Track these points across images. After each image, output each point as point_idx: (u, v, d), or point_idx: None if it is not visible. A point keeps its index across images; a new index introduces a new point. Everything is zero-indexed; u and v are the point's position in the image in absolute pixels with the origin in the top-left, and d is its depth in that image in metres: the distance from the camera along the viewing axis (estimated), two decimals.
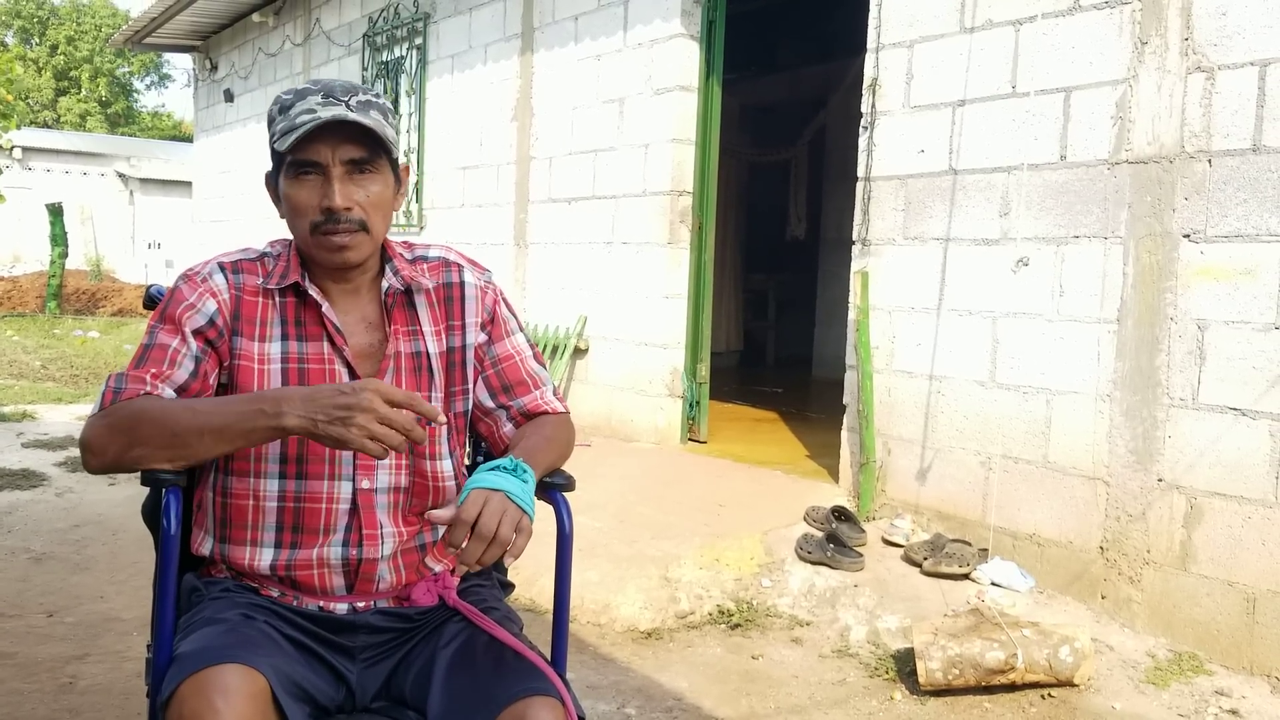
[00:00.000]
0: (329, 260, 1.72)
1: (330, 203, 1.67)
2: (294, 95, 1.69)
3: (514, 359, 1.89)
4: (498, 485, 1.55)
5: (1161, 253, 3.58)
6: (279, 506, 1.71)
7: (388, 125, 1.72)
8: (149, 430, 1.59)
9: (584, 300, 6.48)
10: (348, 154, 1.68)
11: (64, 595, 3.88)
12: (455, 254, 1.91)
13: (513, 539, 1.53)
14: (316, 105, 1.65)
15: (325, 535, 1.71)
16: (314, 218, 1.68)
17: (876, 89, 4.58)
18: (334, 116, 1.63)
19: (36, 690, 3.06)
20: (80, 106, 36.77)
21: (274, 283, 1.75)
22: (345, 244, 1.69)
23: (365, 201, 1.70)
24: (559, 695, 1.57)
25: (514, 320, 1.93)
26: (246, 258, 1.79)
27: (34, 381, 9.20)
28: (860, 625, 3.70)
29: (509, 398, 1.87)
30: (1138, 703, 3.17)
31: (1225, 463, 3.40)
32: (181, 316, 1.71)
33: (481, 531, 1.50)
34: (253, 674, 1.49)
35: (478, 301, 1.86)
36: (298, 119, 1.65)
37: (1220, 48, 3.42)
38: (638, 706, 3.14)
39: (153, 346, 1.69)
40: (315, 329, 1.75)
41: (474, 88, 7.54)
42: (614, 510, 4.73)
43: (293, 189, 1.70)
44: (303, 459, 1.71)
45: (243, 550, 1.73)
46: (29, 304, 16.49)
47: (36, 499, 5.20)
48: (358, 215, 1.69)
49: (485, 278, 1.91)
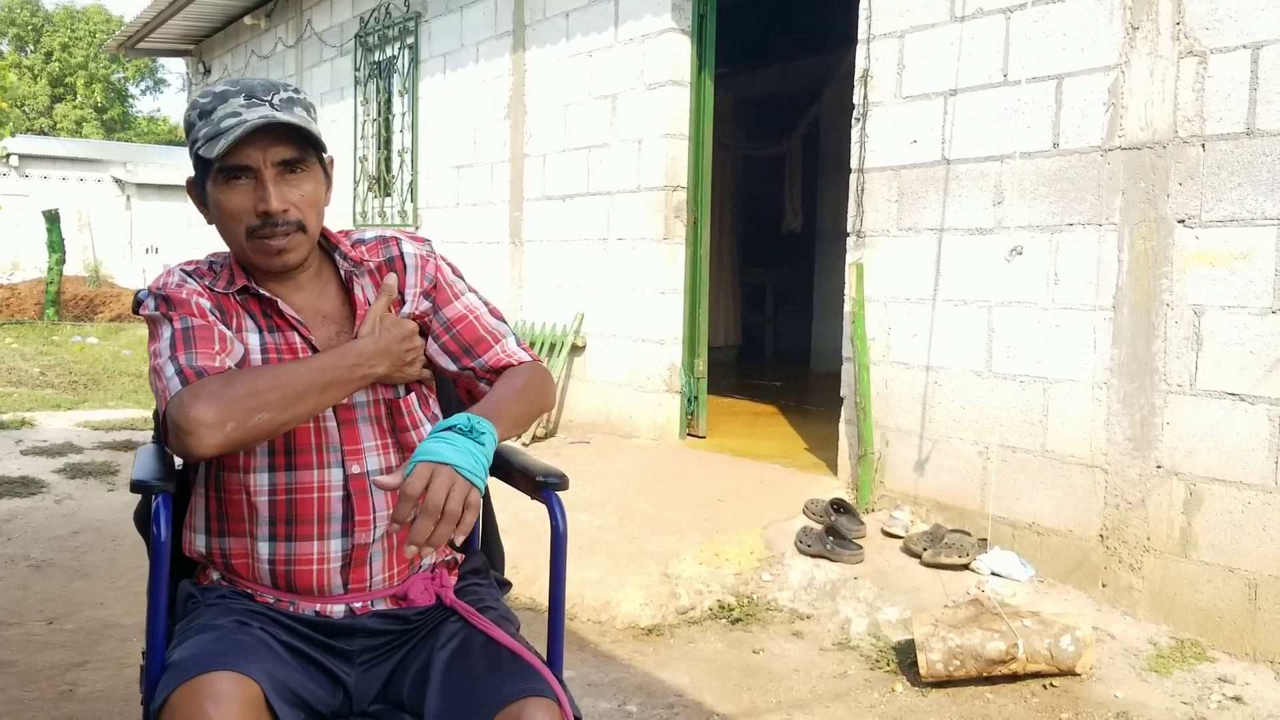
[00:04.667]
0: (268, 264, 1.71)
1: (267, 206, 1.65)
2: (213, 99, 1.66)
3: (468, 318, 1.86)
4: (445, 457, 1.48)
5: (1156, 238, 3.57)
6: (270, 500, 1.70)
7: (312, 121, 1.70)
8: (271, 396, 1.58)
9: (580, 297, 6.47)
10: (279, 155, 1.66)
11: (64, 602, 3.88)
12: (393, 231, 1.90)
13: (461, 514, 1.46)
14: (240, 108, 1.62)
15: (321, 525, 1.71)
16: (250, 222, 1.67)
17: (868, 80, 4.57)
18: (262, 119, 1.61)
19: (36, 698, 3.06)
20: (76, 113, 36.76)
21: (220, 287, 1.75)
22: (284, 246, 1.69)
23: (300, 201, 1.69)
24: (555, 696, 1.56)
25: (461, 282, 1.90)
26: (199, 266, 1.80)
27: (32, 389, 9.19)
28: (861, 618, 3.69)
29: (470, 358, 1.84)
30: (1140, 691, 3.16)
31: (1224, 448, 3.39)
32: (200, 309, 1.69)
33: (429, 508, 1.44)
34: (245, 681, 1.48)
35: (418, 271, 1.84)
36: (223, 124, 1.62)
37: (1212, 31, 3.41)
38: (639, 703, 3.14)
39: (192, 329, 1.65)
40: (280, 321, 1.75)
41: (467, 86, 7.53)
42: (613, 507, 4.72)
43: (224, 195, 1.67)
44: (291, 450, 1.71)
45: (243, 543, 1.73)
46: (27, 311, 16.46)
47: (36, 506, 5.20)
48: (294, 216, 1.68)
49: (425, 248, 1.89)
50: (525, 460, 1.93)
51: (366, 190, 9.03)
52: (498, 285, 7.19)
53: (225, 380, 1.58)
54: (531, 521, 1.73)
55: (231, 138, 1.60)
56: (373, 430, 1.76)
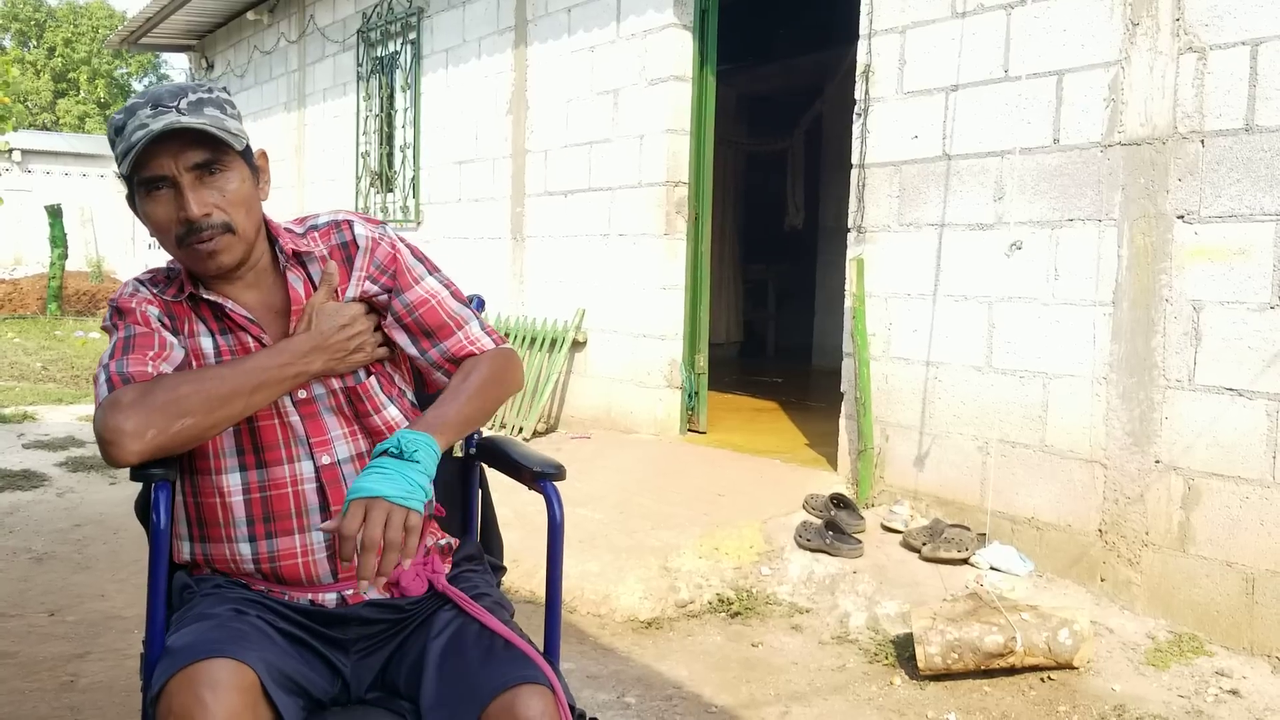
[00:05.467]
0: (204, 268, 1.70)
1: (186, 213, 1.63)
2: (124, 114, 1.65)
3: (430, 302, 1.82)
4: (376, 491, 1.50)
5: (1156, 234, 3.57)
6: (245, 499, 1.72)
7: (226, 118, 1.67)
8: (193, 401, 1.58)
9: (582, 293, 6.48)
10: (190, 160, 1.64)
11: (65, 594, 3.89)
12: (346, 213, 1.87)
13: (401, 542, 1.49)
14: (147, 119, 1.61)
15: (300, 519, 1.72)
16: (177, 231, 1.66)
17: (870, 75, 4.57)
18: (165, 126, 1.59)
19: (38, 689, 3.07)
20: (79, 108, 36.79)
21: (170, 294, 1.76)
22: (214, 249, 1.67)
23: (222, 202, 1.66)
24: (549, 683, 1.57)
25: (422, 265, 1.86)
26: (157, 274, 1.81)
27: (35, 383, 9.21)
28: (859, 611, 3.70)
29: (431, 343, 1.82)
30: (1138, 684, 3.17)
31: (1222, 443, 3.40)
32: (144, 317, 1.72)
33: (367, 544, 1.47)
34: (242, 668, 1.49)
35: (367, 254, 1.81)
36: (132, 137, 1.61)
37: (1212, 27, 3.41)
38: (637, 695, 3.15)
39: (133, 336, 1.69)
40: (230, 323, 1.75)
41: (469, 82, 7.53)
42: (614, 501, 4.73)
43: (149, 207, 1.67)
44: (259, 448, 1.72)
45: (222, 548, 1.74)
46: (30, 306, 16.49)
47: (38, 499, 5.22)
48: (219, 218, 1.66)
49: (378, 230, 1.85)
50: (524, 451, 1.94)
51: (369, 186, 9.04)
52: (499, 281, 7.20)
53: (147, 388, 1.59)
54: (532, 516, 1.74)
55: (137, 149, 1.60)
56: (337, 419, 1.76)
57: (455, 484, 2.08)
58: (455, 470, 2.09)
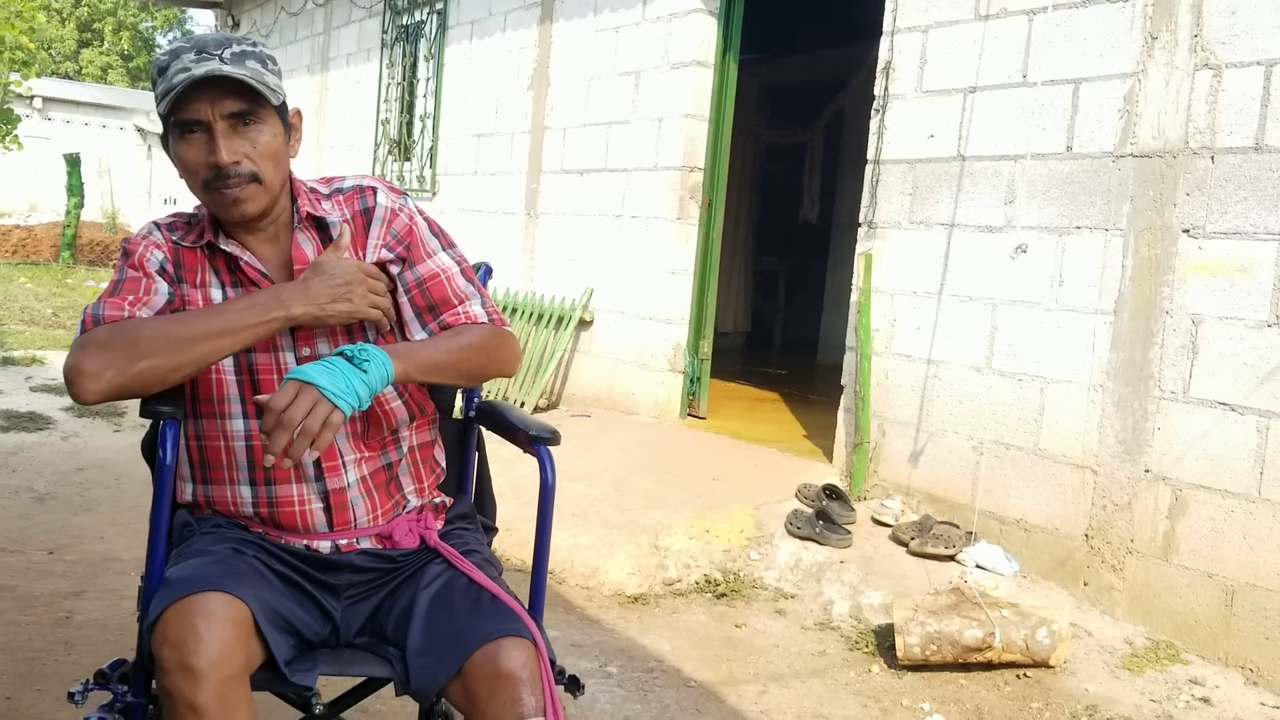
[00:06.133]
0: (227, 215, 1.74)
1: (216, 159, 1.67)
2: (169, 56, 1.69)
3: (439, 277, 1.85)
4: (312, 378, 1.52)
5: (1160, 247, 3.60)
6: (247, 445, 1.76)
7: (266, 73, 1.71)
8: (153, 344, 1.61)
9: (591, 272, 6.52)
10: (228, 108, 1.68)
11: (65, 534, 3.96)
12: (371, 180, 1.90)
13: (316, 434, 1.50)
14: (190, 63, 1.65)
15: (298, 469, 1.75)
16: (204, 175, 1.70)
17: (890, 72, 4.60)
18: (207, 72, 1.63)
19: (34, 622, 3.14)
20: (102, 59, 36.77)
21: (189, 241, 1.80)
22: (238, 197, 1.71)
23: (253, 153, 1.70)
24: (532, 637, 1.63)
25: (437, 240, 1.89)
26: (178, 219, 1.85)
27: (44, 329, 9.29)
28: (844, 600, 3.75)
29: (433, 316, 1.84)
30: (1111, 687, 3.23)
31: (1212, 456, 3.44)
32: (141, 261, 1.76)
33: (284, 422, 1.49)
34: (236, 602, 1.55)
35: (384, 224, 1.85)
36: (174, 79, 1.64)
37: (1229, 46, 3.44)
38: (619, 666, 3.21)
39: (123, 280, 1.74)
40: (242, 275, 1.79)
41: (492, 55, 7.56)
42: (609, 480, 4.79)
43: (181, 149, 1.71)
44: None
45: (224, 490, 1.79)
46: (43, 253, 16.58)
47: (42, 441, 5.28)
48: (247, 168, 1.70)
49: (399, 201, 1.89)
50: (520, 416, 1.98)
51: (387, 154, 9.07)
52: (511, 256, 7.24)
53: (113, 329, 1.63)
54: (528, 488, 1.78)
55: (176, 92, 1.64)
56: None
57: (453, 445, 2.13)
58: (454, 432, 2.14)
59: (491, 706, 1.56)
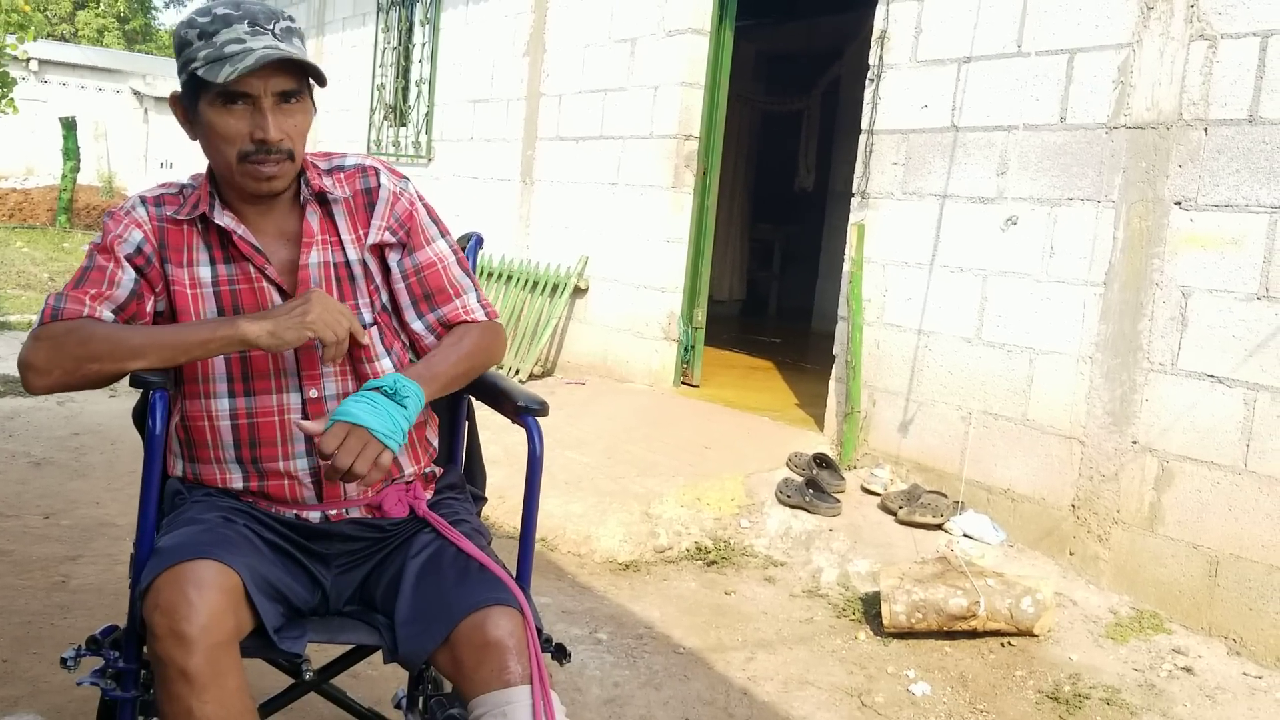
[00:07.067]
0: (256, 189, 1.75)
1: (265, 135, 1.68)
2: (214, 20, 1.67)
3: (436, 266, 1.89)
4: (362, 420, 1.60)
5: (1152, 218, 3.61)
6: (233, 425, 1.78)
7: (306, 52, 1.73)
8: (102, 348, 1.67)
9: (586, 240, 6.52)
10: (279, 86, 1.69)
11: (61, 499, 3.99)
12: (373, 160, 1.92)
13: (368, 475, 1.59)
14: (245, 35, 1.64)
15: (285, 446, 1.78)
16: (244, 147, 1.70)
17: (885, 41, 4.59)
18: (276, 56, 1.63)
19: (30, 586, 3.17)
20: (98, 21, 36.44)
21: (184, 214, 1.79)
22: (274, 173, 1.72)
23: (293, 131, 1.72)
24: (519, 605, 1.65)
25: (435, 227, 1.92)
26: (168, 191, 1.84)
27: (41, 293, 9.28)
28: (832, 568, 3.79)
29: (429, 306, 1.88)
30: (1094, 655, 3.27)
31: (1199, 428, 3.47)
32: (113, 245, 1.77)
33: (335, 468, 1.58)
34: (227, 570, 1.57)
35: (387, 205, 1.87)
36: (227, 49, 1.64)
37: (1225, 16, 3.43)
38: (609, 632, 3.25)
39: (90, 269, 1.75)
40: (235, 250, 1.80)
41: (488, 20, 7.52)
42: (602, 447, 4.82)
43: (219, 117, 1.69)
44: (249, 376, 1.78)
45: (211, 468, 1.81)
46: (39, 216, 16.53)
47: (38, 406, 5.30)
48: (287, 145, 1.71)
49: (401, 184, 1.91)
50: (509, 385, 1.99)
51: (382, 119, 9.04)
52: (506, 223, 7.24)
53: (68, 328, 1.68)
54: (521, 455, 1.79)
55: (242, 67, 1.62)
56: None
57: (443, 414, 2.14)
58: (444, 402, 2.15)
59: (479, 674, 1.58)
